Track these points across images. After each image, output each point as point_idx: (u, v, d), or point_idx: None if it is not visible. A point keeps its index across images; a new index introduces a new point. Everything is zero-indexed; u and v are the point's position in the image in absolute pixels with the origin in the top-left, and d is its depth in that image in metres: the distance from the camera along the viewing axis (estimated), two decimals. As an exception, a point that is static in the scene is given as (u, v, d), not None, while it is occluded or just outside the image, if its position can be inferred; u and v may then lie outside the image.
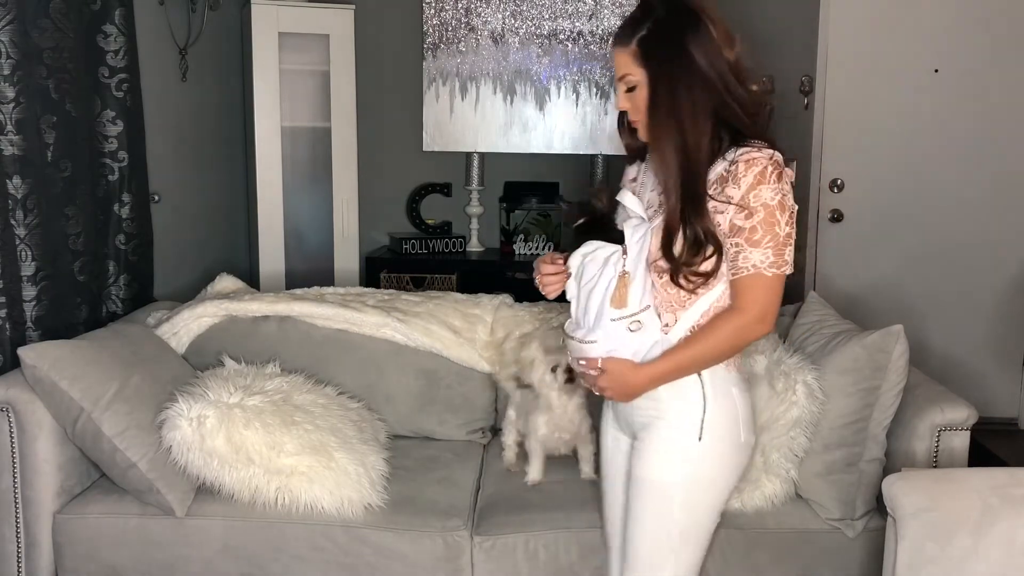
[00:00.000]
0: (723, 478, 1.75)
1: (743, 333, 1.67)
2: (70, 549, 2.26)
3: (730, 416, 1.73)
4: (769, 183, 1.61)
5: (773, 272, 1.63)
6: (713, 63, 1.64)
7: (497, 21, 4.36)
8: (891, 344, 2.20)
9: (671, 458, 1.72)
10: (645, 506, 1.75)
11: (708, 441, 1.71)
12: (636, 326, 1.68)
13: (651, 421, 1.74)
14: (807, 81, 4.08)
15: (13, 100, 2.36)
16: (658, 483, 1.73)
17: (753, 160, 1.62)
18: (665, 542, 1.75)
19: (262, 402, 2.31)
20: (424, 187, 4.54)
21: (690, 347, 1.68)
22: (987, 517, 1.72)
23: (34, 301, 2.49)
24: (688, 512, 1.73)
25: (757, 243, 1.62)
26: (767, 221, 1.61)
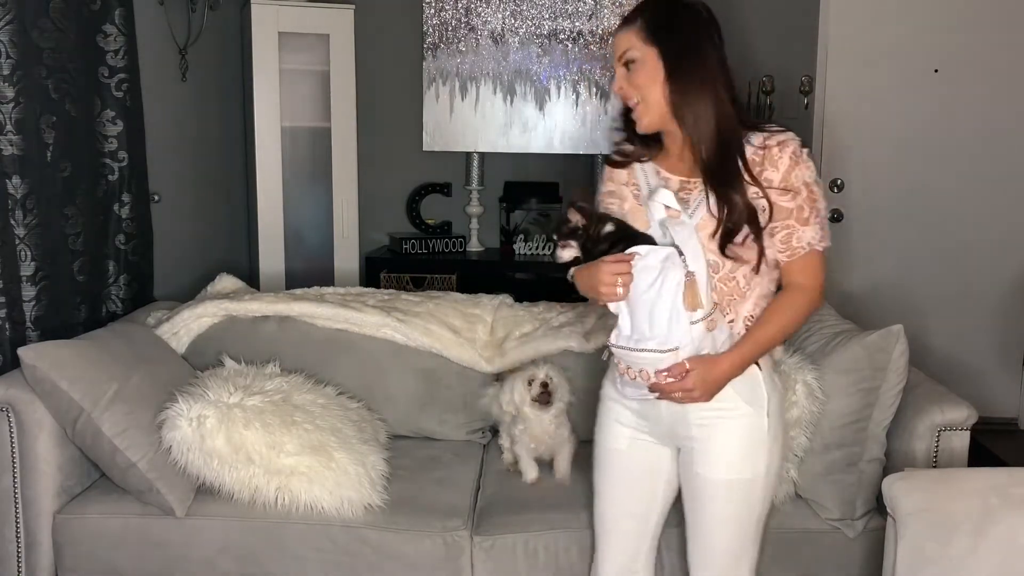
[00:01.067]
0: (781, 465, 1.83)
1: (811, 307, 1.73)
2: (70, 549, 2.26)
3: (780, 400, 1.79)
4: (803, 162, 1.67)
5: (823, 247, 1.70)
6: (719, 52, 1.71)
7: (497, 21, 4.36)
8: (891, 344, 2.20)
9: (749, 453, 1.74)
10: (729, 506, 1.76)
11: (773, 427, 1.75)
12: (712, 324, 1.68)
13: (715, 422, 1.73)
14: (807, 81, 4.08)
15: (13, 100, 2.36)
16: (739, 481, 1.74)
17: (784, 142, 1.68)
18: (746, 535, 1.78)
19: (262, 402, 2.31)
20: (424, 187, 4.54)
21: (765, 328, 1.71)
22: (987, 517, 1.72)
23: (33, 301, 2.49)
24: (764, 501, 1.78)
25: (807, 221, 1.68)
26: (809, 199, 1.68)
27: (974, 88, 3.99)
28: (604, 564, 1.96)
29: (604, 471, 1.93)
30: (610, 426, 1.90)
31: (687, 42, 1.70)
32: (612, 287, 1.65)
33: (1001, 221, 4.06)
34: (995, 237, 4.07)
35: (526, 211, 4.44)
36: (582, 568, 2.23)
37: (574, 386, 2.55)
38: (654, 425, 1.82)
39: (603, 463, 1.92)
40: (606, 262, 1.66)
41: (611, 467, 1.91)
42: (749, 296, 1.72)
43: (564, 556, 2.24)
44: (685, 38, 1.70)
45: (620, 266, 1.65)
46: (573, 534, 2.24)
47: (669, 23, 1.71)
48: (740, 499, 1.75)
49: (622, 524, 1.93)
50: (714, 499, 1.76)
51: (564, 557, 2.24)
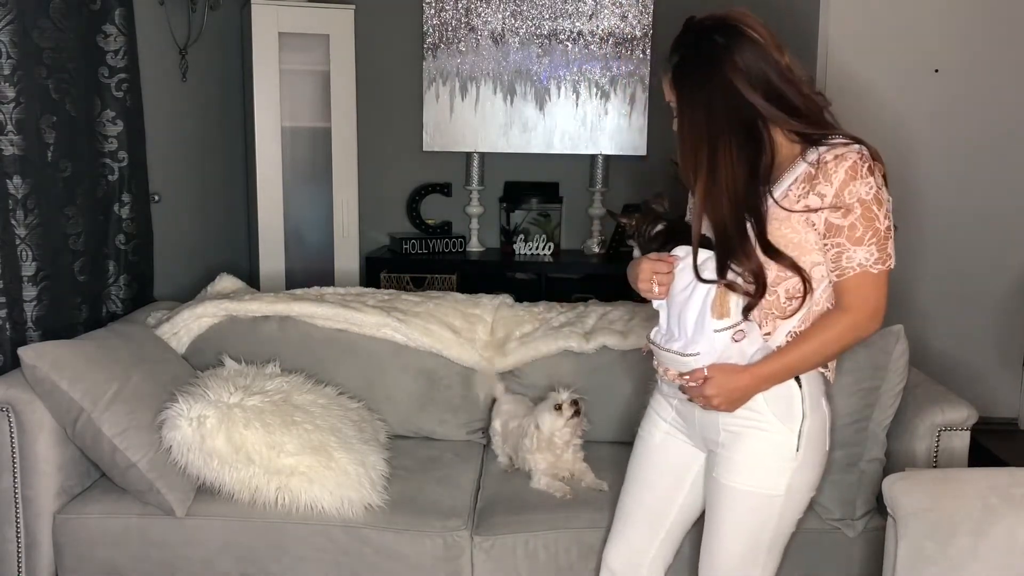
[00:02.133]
0: (812, 488, 1.76)
1: (854, 332, 1.65)
2: (70, 549, 2.26)
3: (821, 426, 1.73)
4: (862, 178, 1.59)
5: (879, 269, 1.62)
6: (758, 74, 1.62)
7: (497, 21, 4.36)
8: (891, 344, 2.20)
9: (769, 469, 1.71)
10: (739, 517, 1.75)
11: (804, 452, 1.70)
12: (740, 335, 1.66)
13: (743, 431, 1.72)
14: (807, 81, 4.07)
15: (13, 100, 2.36)
16: (755, 494, 1.72)
17: (842, 156, 1.60)
18: (755, 550, 1.76)
19: (262, 402, 2.31)
20: (424, 187, 4.54)
21: (799, 347, 1.66)
22: (987, 517, 1.72)
23: (34, 301, 2.49)
24: (781, 521, 1.74)
25: (859, 240, 1.61)
26: (865, 217, 1.60)
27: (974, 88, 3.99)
28: (610, 549, 1.99)
29: (634, 459, 1.96)
30: (651, 417, 1.92)
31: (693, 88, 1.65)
32: (648, 283, 1.71)
33: (1001, 221, 4.07)
34: (995, 237, 4.07)
35: (526, 211, 4.44)
36: (582, 568, 2.23)
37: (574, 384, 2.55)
38: (689, 426, 1.83)
39: (636, 450, 1.95)
40: (649, 259, 1.72)
41: (641, 456, 1.94)
42: (795, 314, 1.67)
43: (564, 556, 2.24)
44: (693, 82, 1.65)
45: (661, 265, 1.71)
46: (573, 534, 2.24)
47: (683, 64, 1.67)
48: (752, 512, 1.73)
49: (636, 515, 1.94)
50: (726, 506, 1.75)
51: (564, 557, 2.24)
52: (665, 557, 1.96)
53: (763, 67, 1.62)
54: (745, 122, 1.63)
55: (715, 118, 1.63)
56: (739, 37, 1.63)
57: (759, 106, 1.62)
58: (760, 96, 1.62)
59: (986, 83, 3.98)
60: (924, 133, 4.04)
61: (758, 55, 1.63)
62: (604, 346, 2.70)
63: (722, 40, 1.63)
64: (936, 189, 4.06)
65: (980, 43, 3.97)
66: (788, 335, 1.68)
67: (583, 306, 2.95)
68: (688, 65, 1.67)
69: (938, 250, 4.09)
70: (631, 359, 2.64)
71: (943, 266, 4.10)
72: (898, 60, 4.00)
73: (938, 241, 4.08)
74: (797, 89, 1.65)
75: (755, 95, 1.62)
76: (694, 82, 1.66)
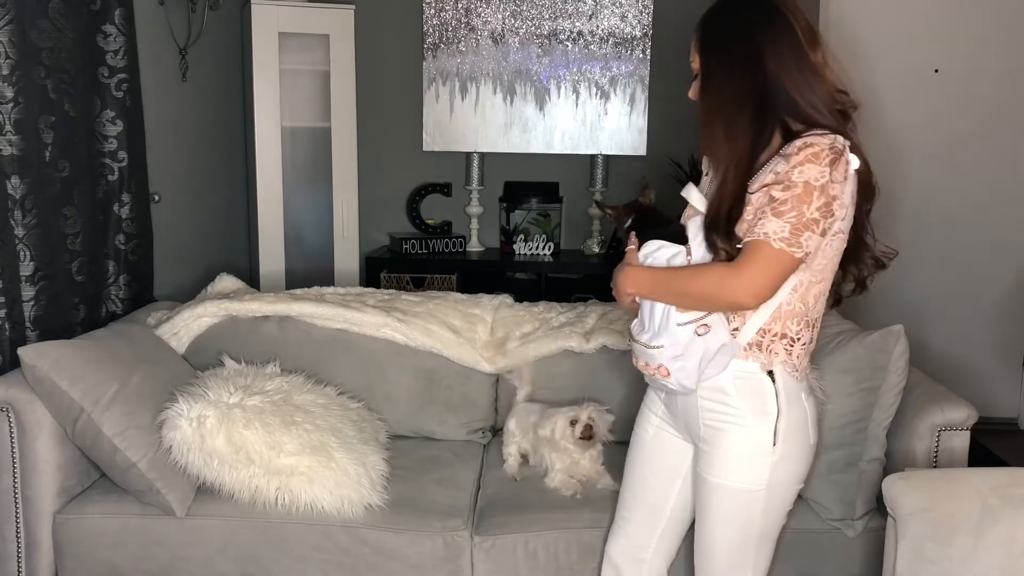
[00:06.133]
0: (796, 482, 1.77)
1: (724, 287, 1.59)
2: (70, 549, 2.26)
3: (801, 421, 1.73)
4: (818, 163, 1.55)
5: (781, 247, 1.55)
6: (785, 60, 1.61)
7: (497, 21, 4.36)
8: (891, 344, 2.20)
9: (749, 464, 1.71)
10: (723, 511, 1.76)
11: (782, 446, 1.70)
12: (703, 329, 1.65)
13: (722, 426, 1.72)
14: (807, 81, 4.07)
15: (12, 100, 2.36)
16: (735, 489, 1.73)
17: (812, 143, 1.56)
18: (744, 545, 1.77)
19: (262, 402, 2.31)
20: (424, 187, 4.54)
21: (675, 272, 1.67)
22: (987, 517, 1.72)
23: (32, 301, 2.49)
24: (766, 515, 1.75)
25: (780, 214, 1.55)
26: (800, 198, 1.54)
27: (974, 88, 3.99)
28: (611, 542, 2.01)
29: (630, 454, 1.97)
30: (643, 412, 1.94)
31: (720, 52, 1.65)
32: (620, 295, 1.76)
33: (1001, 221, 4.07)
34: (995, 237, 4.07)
35: (526, 211, 4.44)
36: (582, 568, 2.23)
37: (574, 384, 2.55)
38: (675, 419, 1.85)
39: (631, 447, 1.97)
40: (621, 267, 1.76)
41: (635, 452, 1.95)
42: (763, 310, 1.66)
43: (564, 556, 2.24)
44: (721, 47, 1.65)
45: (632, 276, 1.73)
46: (573, 534, 2.24)
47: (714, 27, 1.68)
48: (735, 507, 1.75)
49: (634, 509, 1.96)
50: (711, 502, 1.77)
51: (564, 557, 2.24)
52: (666, 551, 1.96)
53: (791, 53, 1.62)
54: (760, 99, 1.62)
55: (735, 88, 1.63)
56: (776, 17, 1.63)
57: (776, 91, 1.62)
58: (782, 81, 1.62)
59: (986, 83, 3.98)
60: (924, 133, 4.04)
61: (790, 40, 1.62)
62: (604, 346, 2.70)
63: (759, 15, 1.64)
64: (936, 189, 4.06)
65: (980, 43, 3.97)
66: (759, 333, 1.68)
67: (583, 306, 2.95)
68: (720, 29, 1.67)
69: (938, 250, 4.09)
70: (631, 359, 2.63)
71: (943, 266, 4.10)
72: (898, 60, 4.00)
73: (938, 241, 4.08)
74: (816, 88, 1.63)
75: (778, 79, 1.62)
76: (722, 47, 1.66)
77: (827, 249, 1.64)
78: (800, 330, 1.69)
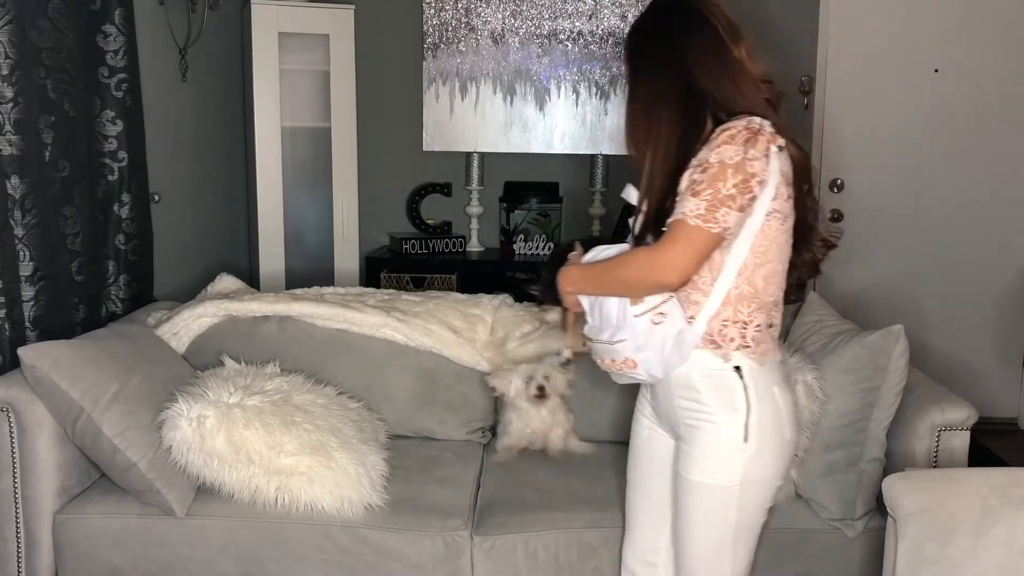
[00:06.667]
0: (772, 478, 1.77)
1: (650, 269, 1.65)
2: (70, 549, 2.26)
3: (774, 416, 1.74)
4: (735, 144, 1.60)
5: (696, 223, 1.59)
6: (706, 59, 1.68)
7: (497, 21, 4.36)
8: (891, 344, 2.20)
9: (720, 462, 1.72)
10: (700, 509, 1.77)
11: (755, 443, 1.71)
12: (659, 318, 1.69)
13: (697, 423, 1.74)
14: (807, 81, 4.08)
15: (11, 100, 2.36)
16: (711, 486, 1.74)
17: (727, 126, 1.63)
18: (722, 542, 1.77)
19: (262, 402, 2.31)
20: (424, 187, 4.54)
21: (605, 264, 1.74)
22: (987, 517, 1.72)
23: (32, 301, 2.49)
24: (742, 512, 1.75)
25: (697, 193, 1.60)
26: (715, 176, 1.60)
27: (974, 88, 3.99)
28: (625, 549, 2.03)
29: (630, 459, 2.00)
30: (636, 416, 1.97)
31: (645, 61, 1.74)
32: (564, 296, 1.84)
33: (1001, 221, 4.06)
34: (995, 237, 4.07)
35: (526, 211, 4.44)
36: (582, 568, 2.23)
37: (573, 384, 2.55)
38: (660, 418, 1.86)
39: (630, 451, 1.99)
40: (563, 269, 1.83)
41: (633, 454, 1.97)
42: (712, 296, 1.68)
43: (564, 556, 2.24)
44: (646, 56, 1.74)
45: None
46: (573, 534, 2.24)
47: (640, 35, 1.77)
48: (711, 503, 1.75)
49: (639, 513, 1.98)
50: (687, 500, 1.78)
51: (564, 557, 2.24)
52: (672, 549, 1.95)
53: (713, 52, 1.69)
54: (687, 101, 1.69)
55: (658, 88, 1.70)
56: (698, 19, 1.70)
57: (700, 88, 1.68)
58: (705, 79, 1.68)
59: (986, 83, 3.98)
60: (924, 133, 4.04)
61: (712, 40, 1.69)
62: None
63: (681, 20, 1.71)
64: (936, 189, 4.06)
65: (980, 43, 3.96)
66: (710, 321, 1.70)
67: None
68: (645, 39, 1.75)
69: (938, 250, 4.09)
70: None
71: (943, 266, 4.09)
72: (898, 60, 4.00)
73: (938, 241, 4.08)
74: (739, 82, 1.68)
75: (701, 78, 1.68)
76: (647, 56, 1.73)
77: (766, 229, 1.66)
78: (752, 312, 1.70)
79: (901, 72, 4.00)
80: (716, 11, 1.72)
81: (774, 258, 1.70)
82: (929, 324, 4.04)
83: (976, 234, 4.07)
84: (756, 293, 1.70)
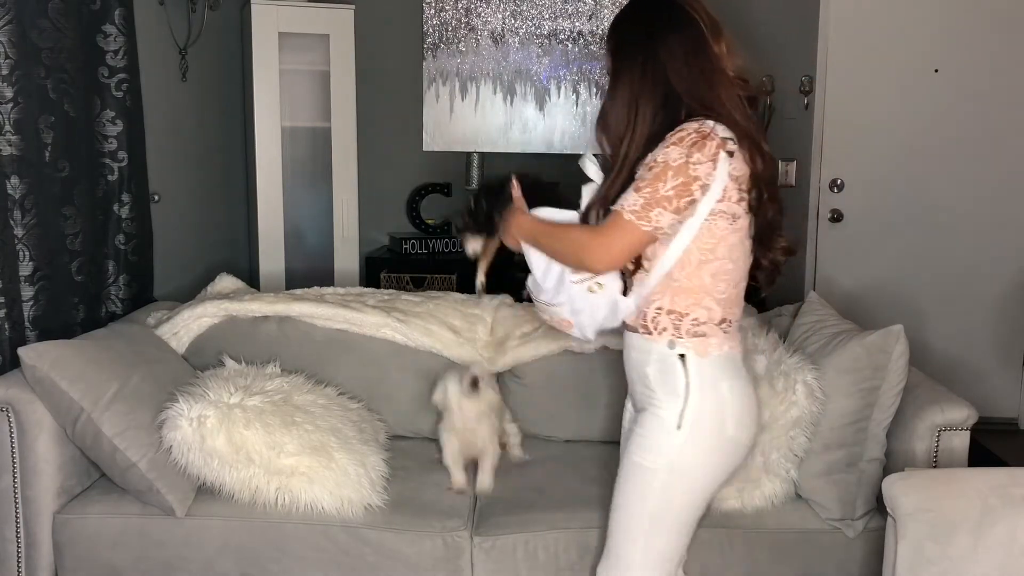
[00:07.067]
0: (703, 471, 1.76)
1: (581, 249, 1.72)
2: (70, 549, 2.26)
3: (714, 409, 1.74)
4: (681, 146, 1.63)
5: (631, 219, 1.64)
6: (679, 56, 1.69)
7: (497, 21, 4.36)
8: (891, 344, 2.20)
9: (652, 444, 1.75)
10: (625, 486, 1.80)
11: (688, 432, 1.72)
12: (596, 287, 1.76)
13: (645, 407, 1.78)
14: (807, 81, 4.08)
15: (11, 100, 2.36)
16: (639, 466, 1.77)
17: (681, 127, 1.65)
18: (637, 523, 1.78)
19: (262, 402, 2.31)
20: (424, 187, 4.54)
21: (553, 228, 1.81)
22: (987, 517, 1.72)
23: (31, 301, 2.49)
24: (663, 499, 1.76)
25: (638, 189, 1.65)
26: (657, 176, 1.64)
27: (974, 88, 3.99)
28: None
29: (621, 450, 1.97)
30: (625, 406, 1.98)
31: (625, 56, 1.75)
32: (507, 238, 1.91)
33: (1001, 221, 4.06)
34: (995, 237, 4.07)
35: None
36: (582, 568, 2.23)
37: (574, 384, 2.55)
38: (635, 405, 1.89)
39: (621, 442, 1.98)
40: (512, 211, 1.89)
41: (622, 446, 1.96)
42: (648, 282, 1.72)
43: (564, 556, 2.24)
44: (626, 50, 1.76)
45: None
46: (573, 534, 2.24)
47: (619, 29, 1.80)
48: (632, 484, 1.78)
49: None
50: (620, 475, 1.81)
51: (564, 557, 2.24)
52: None
53: (694, 54, 1.69)
54: (664, 99, 1.70)
55: (639, 90, 1.71)
56: (680, 17, 1.71)
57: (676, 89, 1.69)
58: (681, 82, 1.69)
59: (986, 83, 3.98)
60: (924, 133, 4.04)
61: (694, 40, 1.70)
62: (604, 346, 2.69)
63: (663, 16, 1.72)
64: (935, 189, 4.06)
65: (980, 43, 3.97)
66: (647, 303, 1.73)
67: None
68: (627, 34, 1.76)
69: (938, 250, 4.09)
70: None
71: (943, 266, 4.10)
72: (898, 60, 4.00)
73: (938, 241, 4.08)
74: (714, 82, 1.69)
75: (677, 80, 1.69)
76: (628, 52, 1.75)
77: (713, 228, 1.67)
78: (691, 306, 1.72)
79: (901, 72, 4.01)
80: (698, 7, 1.73)
81: (723, 256, 1.71)
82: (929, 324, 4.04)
83: (976, 234, 4.07)
84: (702, 288, 1.71)
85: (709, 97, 1.68)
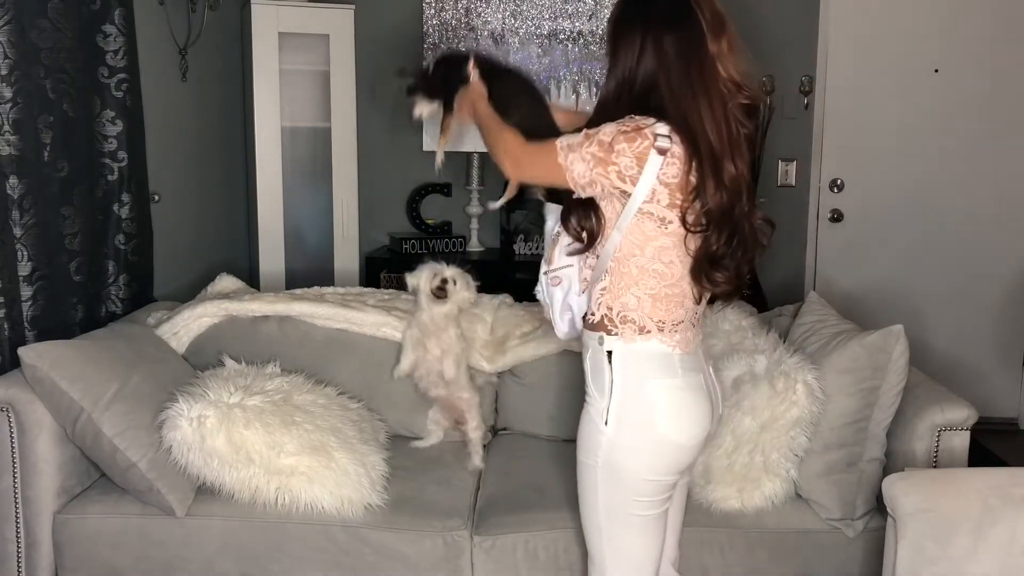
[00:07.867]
0: (636, 470, 1.74)
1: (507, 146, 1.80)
2: (70, 549, 2.26)
3: (643, 409, 1.72)
4: (618, 127, 1.65)
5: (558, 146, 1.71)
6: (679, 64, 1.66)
7: (497, 21, 4.36)
8: (891, 344, 2.20)
9: (587, 442, 1.78)
10: (579, 486, 1.82)
11: (614, 430, 1.73)
12: (556, 280, 1.84)
13: (585, 404, 1.80)
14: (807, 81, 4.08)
15: (10, 100, 2.36)
16: (583, 464, 1.80)
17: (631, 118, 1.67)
18: (594, 522, 1.81)
19: (262, 402, 2.31)
20: (424, 187, 4.54)
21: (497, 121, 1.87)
22: (987, 517, 1.72)
23: (30, 301, 2.49)
24: (606, 496, 1.77)
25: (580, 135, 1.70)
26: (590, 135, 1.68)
27: (974, 88, 3.99)
28: None
29: None
30: None
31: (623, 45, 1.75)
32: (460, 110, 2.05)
33: (1001, 221, 4.07)
34: (995, 237, 4.07)
35: (526, 211, 4.44)
36: (582, 568, 2.23)
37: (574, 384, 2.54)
38: None
39: None
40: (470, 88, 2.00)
41: None
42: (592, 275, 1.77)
43: (564, 556, 2.24)
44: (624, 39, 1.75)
45: None
46: (573, 534, 2.24)
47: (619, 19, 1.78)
48: (583, 483, 1.81)
49: None
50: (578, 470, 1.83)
51: (564, 557, 2.24)
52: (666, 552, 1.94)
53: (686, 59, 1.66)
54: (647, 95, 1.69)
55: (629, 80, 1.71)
56: (681, 11, 1.68)
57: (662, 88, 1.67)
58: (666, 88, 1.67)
59: (986, 83, 3.98)
60: (924, 133, 4.04)
61: (690, 42, 1.67)
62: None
63: (664, 9, 1.70)
64: (936, 189, 4.06)
65: (980, 43, 3.97)
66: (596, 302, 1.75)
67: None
68: (626, 24, 1.74)
69: (938, 250, 4.09)
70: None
71: (943, 266, 4.10)
72: (898, 60, 4.00)
73: (938, 241, 4.09)
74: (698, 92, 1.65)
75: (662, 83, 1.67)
76: (618, 39, 1.74)
77: (641, 227, 1.68)
78: (621, 290, 1.73)
79: (901, 72, 4.01)
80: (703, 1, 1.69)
81: (651, 256, 1.70)
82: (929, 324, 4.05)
83: (976, 234, 4.07)
84: (630, 277, 1.72)
85: (689, 108, 1.64)
